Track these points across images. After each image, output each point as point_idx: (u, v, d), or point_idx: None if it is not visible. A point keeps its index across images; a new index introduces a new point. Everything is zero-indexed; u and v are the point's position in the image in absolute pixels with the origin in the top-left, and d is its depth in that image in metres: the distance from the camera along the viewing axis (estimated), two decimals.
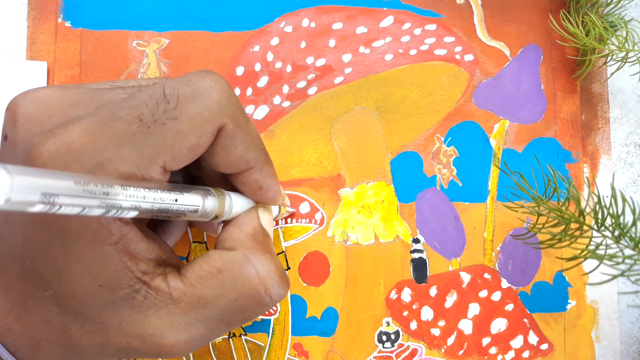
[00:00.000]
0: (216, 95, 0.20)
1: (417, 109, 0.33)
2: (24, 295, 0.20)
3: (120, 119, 0.19)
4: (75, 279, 0.19)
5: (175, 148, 0.19)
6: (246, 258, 0.21)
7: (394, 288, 0.32)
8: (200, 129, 0.19)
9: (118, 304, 0.20)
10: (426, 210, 0.33)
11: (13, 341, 0.20)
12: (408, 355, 0.32)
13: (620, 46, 0.31)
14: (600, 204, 0.26)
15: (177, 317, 0.20)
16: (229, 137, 0.21)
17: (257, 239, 0.23)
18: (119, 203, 0.16)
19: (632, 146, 0.34)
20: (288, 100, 0.32)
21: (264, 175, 0.23)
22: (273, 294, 0.21)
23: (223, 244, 0.22)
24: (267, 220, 0.24)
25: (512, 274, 0.33)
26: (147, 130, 0.19)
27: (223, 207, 0.22)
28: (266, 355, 0.31)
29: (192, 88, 0.20)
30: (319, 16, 0.33)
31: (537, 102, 0.34)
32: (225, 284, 0.21)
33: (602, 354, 0.33)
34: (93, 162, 0.18)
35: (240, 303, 0.21)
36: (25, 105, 0.21)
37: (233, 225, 0.23)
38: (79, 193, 0.15)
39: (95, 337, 0.20)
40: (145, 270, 0.20)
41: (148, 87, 0.20)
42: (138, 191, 0.17)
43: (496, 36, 0.34)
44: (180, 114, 0.19)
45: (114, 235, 0.19)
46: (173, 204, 0.19)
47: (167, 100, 0.19)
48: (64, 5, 0.31)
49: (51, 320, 0.20)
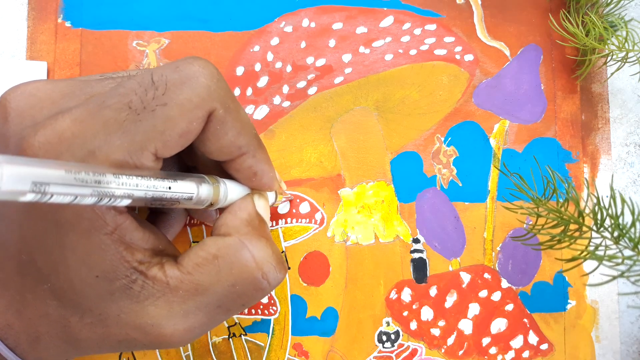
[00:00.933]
0: (204, 80, 0.20)
1: (417, 109, 0.33)
2: (22, 290, 0.20)
3: (109, 107, 0.19)
4: (72, 271, 0.19)
5: (165, 134, 0.19)
6: (242, 243, 0.21)
7: (394, 288, 0.32)
8: (190, 115, 0.19)
9: (116, 295, 0.20)
10: (426, 210, 0.33)
11: (13, 337, 0.20)
12: (408, 355, 0.32)
13: (620, 46, 0.31)
14: (600, 204, 0.26)
15: (175, 305, 0.20)
16: (220, 122, 0.21)
17: (253, 225, 0.23)
18: (112, 191, 0.16)
19: (632, 146, 0.34)
20: (288, 100, 0.32)
21: (257, 161, 0.23)
22: (270, 277, 0.21)
23: (218, 231, 0.22)
24: (263, 206, 0.24)
25: (512, 274, 0.33)
26: (137, 117, 0.19)
27: (218, 194, 0.22)
28: (266, 355, 0.31)
29: (180, 74, 0.20)
30: (319, 16, 0.33)
31: (537, 102, 0.34)
32: (221, 269, 0.21)
33: (602, 354, 0.33)
34: (84, 151, 0.18)
35: (237, 288, 0.21)
36: (16, 99, 0.21)
37: (228, 212, 0.23)
38: (71, 182, 0.15)
39: (95, 329, 0.20)
40: (141, 259, 0.20)
41: (137, 75, 0.20)
42: (130, 179, 0.17)
43: (496, 36, 0.34)
44: (169, 99, 0.19)
45: (108, 225, 0.19)
46: (167, 191, 0.19)
47: (155, 86, 0.19)
48: (64, 5, 0.31)
49: (50, 314, 0.20)
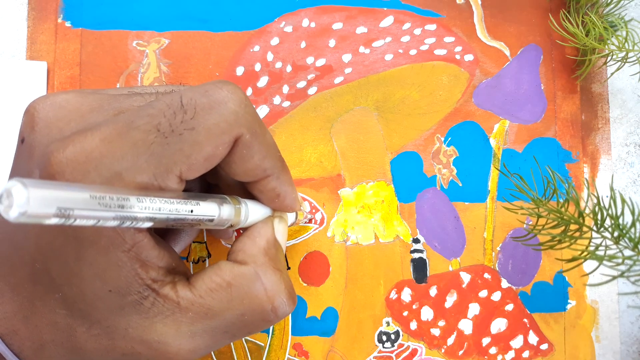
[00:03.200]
0: (233, 106, 0.20)
1: (417, 109, 0.33)
2: (32, 298, 0.20)
3: (138, 128, 0.19)
4: (85, 283, 0.19)
5: (191, 158, 0.19)
6: (256, 275, 0.21)
7: (394, 288, 0.32)
8: (217, 140, 0.20)
9: (126, 310, 0.20)
10: (426, 210, 0.33)
11: (17, 342, 0.20)
12: (408, 355, 0.32)
13: (620, 46, 0.31)
14: (600, 205, 0.26)
15: (183, 325, 0.20)
16: (246, 146, 0.21)
17: (270, 254, 0.23)
18: (134, 215, 0.16)
19: (632, 146, 0.34)
20: (288, 100, 0.32)
21: (281, 183, 0.23)
22: (279, 312, 0.22)
23: (235, 256, 0.22)
24: (282, 232, 0.24)
25: (512, 274, 0.33)
26: (165, 140, 0.19)
27: (239, 216, 0.22)
28: (266, 355, 0.31)
29: (209, 99, 0.20)
30: (319, 16, 0.33)
31: (537, 102, 0.34)
32: (233, 298, 0.21)
33: (602, 354, 0.33)
34: (111, 172, 0.18)
35: (246, 318, 0.21)
36: (45, 109, 0.21)
37: (247, 236, 0.23)
38: (95, 207, 0.15)
39: (101, 341, 0.20)
40: (155, 277, 0.20)
41: (165, 96, 0.20)
42: (154, 202, 0.17)
43: (496, 36, 0.34)
44: (198, 124, 0.19)
45: (127, 243, 0.19)
46: (188, 215, 0.19)
47: (184, 110, 0.19)
48: (64, 5, 0.31)
49: (58, 322, 0.20)
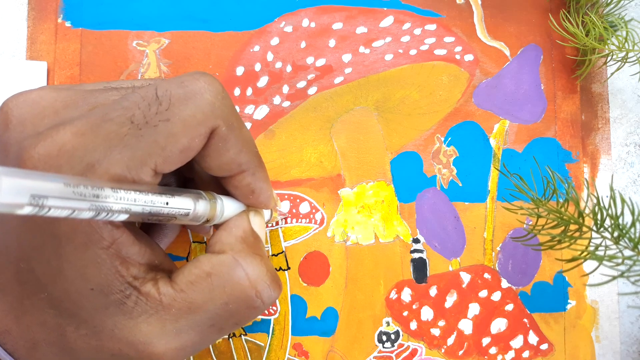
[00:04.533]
0: (209, 97, 0.20)
1: (417, 109, 0.33)
2: (21, 297, 0.20)
3: (111, 121, 0.19)
4: (68, 282, 0.19)
5: (166, 150, 0.19)
6: (235, 261, 0.21)
7: (394, 288, 0.32)
8: (193, 131, 0.19)
9: (111, 309, 0.20)
10: (426, 210, 0.33)
11: (11, 342, 0.20)
12: (408, 355, 0.32)
13: (620, 46, 0.31)
14: (600, 205, 0.26)
15: (168, 323, 0.20)
16: (222, 139, 0.20)
17: (247, 242, 0.22)
18: (109, 206, 0.16)
19: (632, 146, 0.34)
20: (288, 100, 0.32)
21: (256, 179, 0.23)
22: (264, 296, 0.21)
23: (213, 248, 0.22)
24: (259, 223, 0.24)
25: (512, 274, 0.33)
26: (139, 132, 0.19)
27: (214, 211, 0.22)
28: (266, 355, 0.31)
29: (185, 90, 0.19)
30: (319, 16, 0.33)
31: (537, 102, 0.34)
32: (214, 287, 0.20)
33: (602, 354, 0.33)
34: (83, 164, 0.18)
35: (230, 307, 0.21)
36: (18, 107, 0.21)
37: (223, 229, 0.23)
38: (69, 195, 0.15)
39: (90, 341, 0.20)
40: (136, 275, 0.20)
41: (141, 89, 0.20)
42: (129, 194, 0.17)
43: (496, 36, 0.34)
44: (173, 115, 0.19)
45: (105, 240, 0.19)
46: (164, 207, 0.19)
47: (159, 101, 0.19)
48: (64, 5, 0.31)
49: (47, 322, 0.20)
